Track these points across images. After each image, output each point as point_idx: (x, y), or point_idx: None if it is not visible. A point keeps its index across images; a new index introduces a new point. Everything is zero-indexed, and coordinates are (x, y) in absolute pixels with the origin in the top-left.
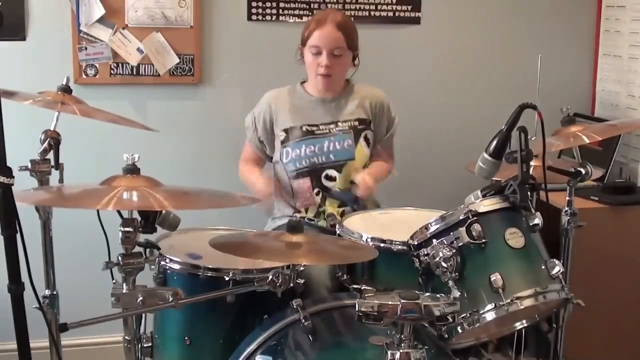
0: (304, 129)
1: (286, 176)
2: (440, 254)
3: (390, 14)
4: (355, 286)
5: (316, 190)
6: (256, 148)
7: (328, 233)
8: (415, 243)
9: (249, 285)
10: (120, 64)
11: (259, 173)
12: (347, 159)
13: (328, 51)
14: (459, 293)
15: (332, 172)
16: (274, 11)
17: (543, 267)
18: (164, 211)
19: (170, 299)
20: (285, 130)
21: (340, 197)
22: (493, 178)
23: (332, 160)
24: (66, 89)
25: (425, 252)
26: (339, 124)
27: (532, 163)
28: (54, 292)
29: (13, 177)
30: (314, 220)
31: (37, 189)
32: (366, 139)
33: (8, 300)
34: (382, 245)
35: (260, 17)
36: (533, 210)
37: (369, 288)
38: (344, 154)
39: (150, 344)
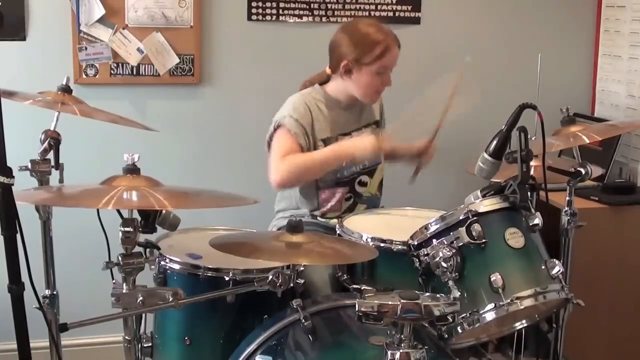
0: (339, 139)
1: (313, 184)
2: (440, 254)
3: (390, 14)
4: (355, 286)
5: (347, 196)
6: (301, 149)
7: (332, 233)
8: (415, 243)
9: (249, 285)
10: (120, 64)
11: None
12: (377, 163)
13: (391, 69)
14: (459, 293)
15: (365, 178)
16: (274, 11)
17: (543, 267)
18: (164, 211)
19: (170, 299)
20: (324, 141)
21: (369, 202)
22: (492, 178)
23: (366, 166)
24: (66, 89)
25: (425, 252)
26: (363, 129)
27: (532, 163)
28: (54, 292)
29: (13, 177)
30: (316, 217)
31: (37, 189)
32: None
33: (8, 300)
34: (382, 245)
35: (260, 17)
36: (533, 210)
37: (369, 288)
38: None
39: (150, 344)
